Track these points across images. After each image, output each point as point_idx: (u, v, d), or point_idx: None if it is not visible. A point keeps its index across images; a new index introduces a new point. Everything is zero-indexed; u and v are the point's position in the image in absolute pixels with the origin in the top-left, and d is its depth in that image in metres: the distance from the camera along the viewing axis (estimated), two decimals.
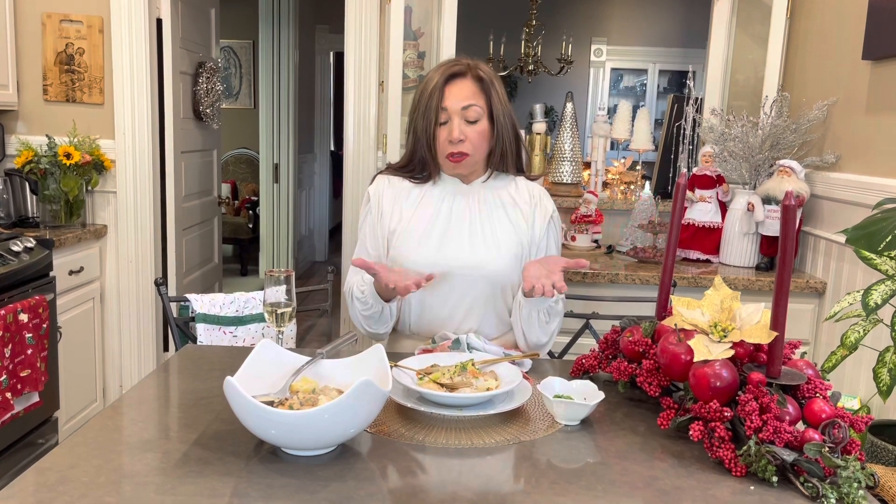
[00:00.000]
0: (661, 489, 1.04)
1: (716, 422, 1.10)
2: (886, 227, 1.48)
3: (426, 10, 3.07)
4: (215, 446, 1.12)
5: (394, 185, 1.75)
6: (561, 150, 3.12)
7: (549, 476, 1.07)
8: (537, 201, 1.76)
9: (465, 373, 1.32)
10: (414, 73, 3.10)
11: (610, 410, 1.33)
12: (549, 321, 1.66)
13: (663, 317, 1.41)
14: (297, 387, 1.21)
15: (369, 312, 1.66)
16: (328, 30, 6.92)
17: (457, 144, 1.63)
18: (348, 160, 3.19)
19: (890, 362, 1.59)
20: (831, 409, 1.08)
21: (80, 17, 3.10)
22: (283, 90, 6.03)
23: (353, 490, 1.00)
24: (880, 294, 1.57)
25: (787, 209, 1.10)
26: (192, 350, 1.64)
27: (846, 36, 2.50)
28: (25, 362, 2.40)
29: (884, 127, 2.27)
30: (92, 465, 1.05)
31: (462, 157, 1.65)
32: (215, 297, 1.99)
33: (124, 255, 3.21)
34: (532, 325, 1.65)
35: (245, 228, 6.37)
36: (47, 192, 2.99)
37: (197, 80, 3.69)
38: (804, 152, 2.72)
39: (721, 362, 1.15)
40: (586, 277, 2.54)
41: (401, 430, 1.21)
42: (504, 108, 1.67)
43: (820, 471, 1.02)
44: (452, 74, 1.65)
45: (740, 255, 2.75)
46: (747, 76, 3.03)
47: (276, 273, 1.46)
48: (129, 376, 3.27)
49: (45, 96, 3.15)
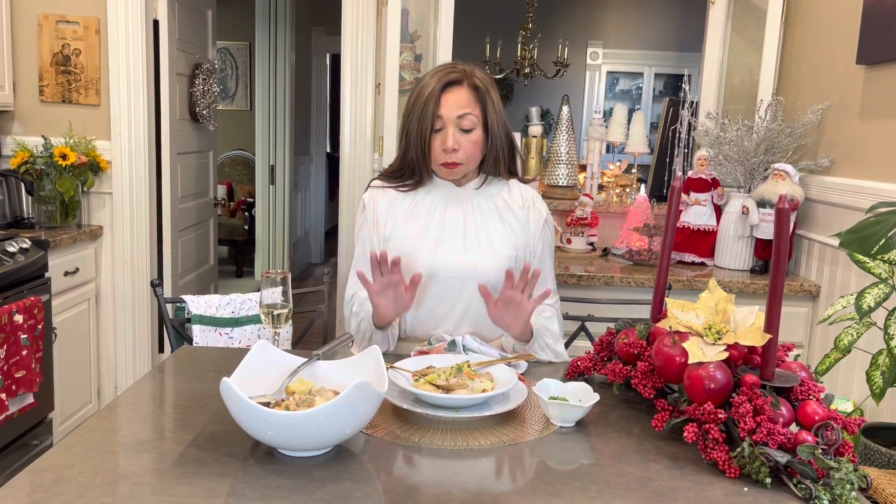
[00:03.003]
0: (656, 490, 1.04)
1: (710, 423, 1.11)
2: (880, 230, 1.49)
3: (423, 13, 3.08)
4: (211, 447, 1.12)
5: (388, 192, 1.76)
6: (557, 153, 3.13)
7: (544, 477, 1.08)
8: (531, 205, 1.76)
9: (461, 374, 1.32)
10: (410, 76, 3.11)
11: (605, 412, 1.33)
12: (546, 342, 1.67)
13: (658, 319, 1.42)
14: (293, 388, 1.21)
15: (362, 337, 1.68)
16: (325, 32, 6.92)
17: (450, 154, 1.65)
18: (344, 162, 3.19)
19: (883, 365, 1.60)
20: (824, 411, 1.09)
21: (76, 17, 3.10)
22: (279, 92, 6.03)
23: (350, 491, 1.00)
24: (874, 297, 1.58)
25: (782, 213, 1.11)
26: (188, 351, 1.64)
27: (840, 40, 2.52)
28: (20, 363, 2.39)
29: (877, 131, 2.28)
30: (88, 465, 1.05)
31: (455, 166, 1.67)
32: (211, 298, 1.99)
33: (120, 257, 3.21)
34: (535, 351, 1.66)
35: (241, 230, 6.36)
36: (43, 192, 2.98)
37: (193, 82, 3.69)
38: (798, 156, 2.73)
39: (715, 364, 1.15)
40: (582, 280, 2.55)
41: (397, 432, 1.21)
42: (498, 117, 1.68)
43: (813, 472, 1.03)
44: (449, 82, 1.65)
45: (735, 258, 2.76)
46: (742, 80, 3.04)
47: (272, 274, 1.46)
48: (124, 378, 3.27)
49: (42, 97, 3.15)
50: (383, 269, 1.52)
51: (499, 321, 1.58)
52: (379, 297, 1.55)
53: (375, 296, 1.55)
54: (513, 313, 1.56)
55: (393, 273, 1.53)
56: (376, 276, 1.53)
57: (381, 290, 1.54)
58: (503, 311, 1.56)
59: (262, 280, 1.48)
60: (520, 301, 1.53)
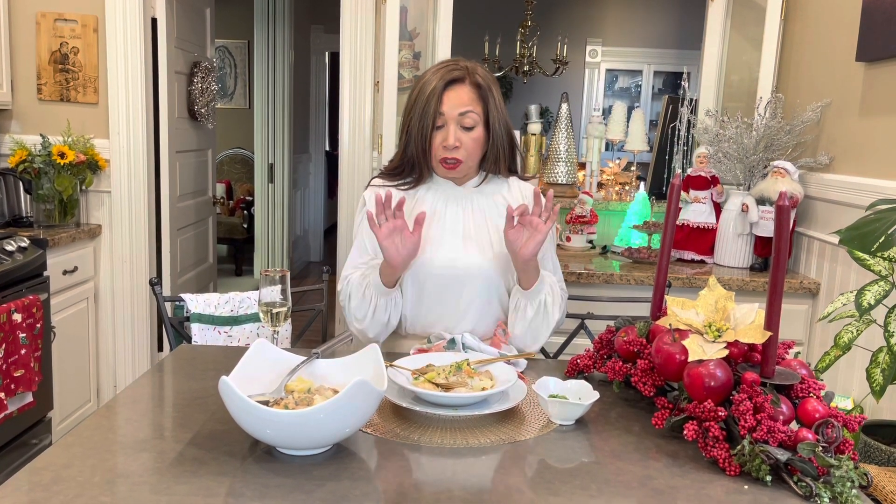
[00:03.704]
0: (656, 488, 1.04)
1: (710, 421, 1.11)
2: (879, 227, 1.49)
3: (421, 11, 3.08)
4: (210, 446, 1.12)
5: (388, 190, 1.76)
6: (556, 150, 3.13)
7: (543, 476, 1.07)
8: (530, 202, 1.76)
9: (461, 372, 1.32)
10: (409, 74, 3.10)
11: (605, 410, 1.33)
12: (539, 320, 1.66)
13: (658, 317, 1.42)
14: (292, 386, 1.21)
15: (366, 306, 1.66)
16: (323, 30, 6.91)
17: (451, 151, 1.65)
18: (343, 160, 3.19)
19: (883, 362, 1.60)
20: (825, 408, 1.09)
21: (74, 16, 3.09)
22: (278, 90, 6.03)
23: (349, 489, 1.00)
24: (873, 294, 1.58)
25: (781, 210, 1.10)
26: (187, 350, 1.63)
27: (840, 38, 2.51)
28: (19, 362, 2.39)
29: (877, 128, 2.28)
30: (86, 464, 1.05)
31: (456, 164, 1.67)
32: (210, 296, 1.99)
33: (118, 255, 3.20)
34: (520, 318, 1.65)
35: (240, 228, 6.36)
36: (41, 191, 2.98)
37: (192, 80, 3.68)
38: (798, 153, 2.73)
39: (715, 362, 1.15)
40: (581, 278, 2.55)
41: (396, 430, 1.21)
42: (500, 115, 1.68)
43: (813, 470, 1.03)
44: (452, 80, 1.65)
45: (734, 255, 2.76)
46: (742, 77, 3.04)
47: (271, 272, 1.46)
48: (123, 376, 3.26)
49: (40, 95, 3.14)
50: (387, 213, 1.54)
51: (514, 241, 1.58)
52: (386, 239, 1.55)
53: (383, 238, 1.55)
54: (528, 234, 1.57)
55: (396, 217, 1.54)
56: (381, 219, 1.54)
57: (389, 233, 1.55)
58: (519, 232, 1.57)
59: (261, 278, 1.47)
60: (537, 224, 1.56)
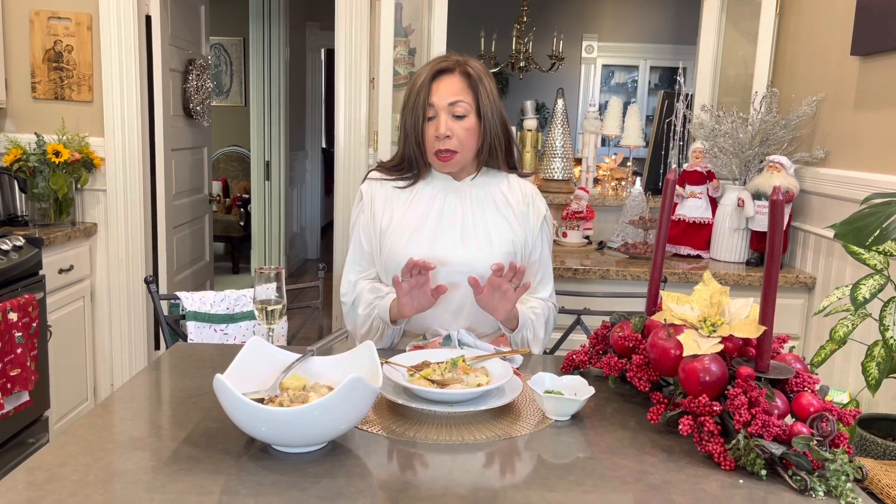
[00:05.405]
0: (651, 483, 1.04)
1: (705, 416, 1.11)
2: (874, 221, 1.49)
3: (416, 7, 3.07)
4: (205, 444, 1.12)
5: (385, 184, 1.75)
6: (552, 146, 3.13)
7: (539, 471, 1.07)
8: (530, 201, 1.76)
9: (456, 369, 1.32)
10: (405, 70, 3.10)
11: (600, 406, 1.33)
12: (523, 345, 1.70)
13: (653, 312, 1.42)
14: (287, 384, 1.21)
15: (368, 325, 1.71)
16: (319, 27, 6.90)
17: (443, 141, 1.64)
18: (339, 157, 3.18)
19: (878, 356, 1.61)
20: (819, 402, 1.09)
21: (68, 14, 3.08)
22: (273, 87, 6.01)
23: (344, 486, 1.00)
24: (868, 288, 1.58)
25: (775, 204, 1.11)
26: (183, 348, 1.63)
27: (835, 32, 2.51)
28: (15, 361, 2.39)
29: (872, 122, 2.28)
30: (81, 463, 1.05)
31: (451, 156, 1.65)
32: (206, 294, 1.98)
33: (114, 254, 3.20)
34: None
35: (236, 226, 6.35)
36: (36, 190, 2.97)
37: (187, 78, 3.67)
38: (793, 148, 2.73)
39: (710, 357, 1.15)
40: (577, 273, 2.55)
41: (392, 427, 1.21)
42: (493, 105, 1.67)
43: (808, 464, 1.03)
44: (440, 70, 1.65)
45: (730, 250, 2.76)
46: (737, 72, 3.04)
47: (265, 270, 1.46)
48: (119, 374, 3.26)
49: (34, 94, 3.13)
50: (413, 272, 1.54)
51: (485, 305, 1.60)
52: (405, 296, 1.57)
53: (403, 295, 1.57)
54: (498, 299, 1.58)
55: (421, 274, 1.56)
56: (406, 277, 1.55)
57: (409, 290, 1.57)
58: (489, 296, 1.58)
59: (256, 276, 1.47)
60: (506, 290, 1.56)
